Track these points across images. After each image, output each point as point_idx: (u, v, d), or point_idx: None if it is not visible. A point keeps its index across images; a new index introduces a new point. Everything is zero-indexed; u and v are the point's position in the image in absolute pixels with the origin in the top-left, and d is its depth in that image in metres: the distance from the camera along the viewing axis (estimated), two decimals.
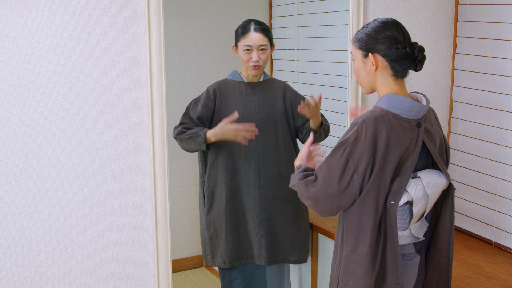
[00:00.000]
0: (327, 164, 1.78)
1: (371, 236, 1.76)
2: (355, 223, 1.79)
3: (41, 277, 2.10)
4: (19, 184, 2.02)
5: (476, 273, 2.48)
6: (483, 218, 2.83)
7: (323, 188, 1.76)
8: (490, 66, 2.76)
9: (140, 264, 2.25)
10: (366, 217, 1.76)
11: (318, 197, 1.77)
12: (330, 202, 1.77)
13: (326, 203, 1.77)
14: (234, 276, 2.77)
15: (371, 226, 1.76)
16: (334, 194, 1.76)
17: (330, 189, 1.76)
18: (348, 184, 1.75)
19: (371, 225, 1.76)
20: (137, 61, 2.14)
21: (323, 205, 1.78)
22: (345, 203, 1.78)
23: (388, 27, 1.81)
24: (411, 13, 2.80)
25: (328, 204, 1.77)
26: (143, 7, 2.11)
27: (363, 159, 1.74)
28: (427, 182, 1.84)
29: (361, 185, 1.75)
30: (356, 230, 1.79)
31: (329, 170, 1.77)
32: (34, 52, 1.98)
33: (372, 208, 1.76)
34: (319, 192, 1.77)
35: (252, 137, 2.52)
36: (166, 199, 2.23)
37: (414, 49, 1.81)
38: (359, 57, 1.86)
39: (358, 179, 1.75)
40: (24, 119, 2.00)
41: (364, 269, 1.78)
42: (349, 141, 1.75)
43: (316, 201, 1.79)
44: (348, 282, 1.81)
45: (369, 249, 1.77)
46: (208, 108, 2.62)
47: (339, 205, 1.78)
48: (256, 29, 2.58)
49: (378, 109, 1.79)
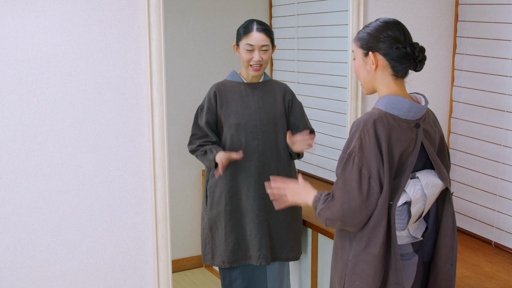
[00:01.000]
0: (341, 179, 1.77)
1: (384, 236, 1.76)
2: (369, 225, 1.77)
3: (41, 277, 2.10)
4: (19, 184, 2.02)
5: (476, 273, 2.48)
6: (483, 218, 2.83)
7: (346, 204, 1.74)
8: (490, 66, 2.76)
9: (140, 264, 2.25)
10: (380, 218, 1.75)
11: (344, 214, 1.75)
12: (358, 215, 1.75)
13: (354, 217, 1.75)
14: (234, 277, 2.77)
15: (384, 227, 1.75)
16: (358, 206, 1.74)
17: (353, 203, 1.74)
18: (368, 191, 1.73)
19: (384, 226, 1.75)
20: (137, 61, 2.14)
21: (352, 219, 1.75)
22: (373, 209, 1.76)
23: (389, 26, 1.81)
24: (411, 13, 2.80)
25: (357, 217, 1.75)
26: (143, 7, 2.11)
27: (373, 163, 1.73)
28: (426, 183, 1.84)
29: (380, 187, 1.74)
30: (368, 231, 1.77)
31: (346, 185, 1.75)
32: (34, 52, 1.98)
33: (385, 209, 1.75)
34: (343, 209, 1.75)
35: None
36: (166, 199, 2.23)
37: (415, 49, 1.81)
38: (360, 56, 1.87)
39: (376, 183, 1.74)
40: (24, 119, 2.00)
41: (374, 269, 1.77)
42: (355, 150, 1.74)
43: (344, 219, 1.76)
44: (355, 282, 1.80)
45: (380, 250, 1.76)
46: (212, 112, 2.63)
47: (367, 214, 1.76)
48: (258, 29, 2.58)
49: (377, 111, 1.79)
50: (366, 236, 1.78)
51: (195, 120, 2.67)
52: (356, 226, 1.77)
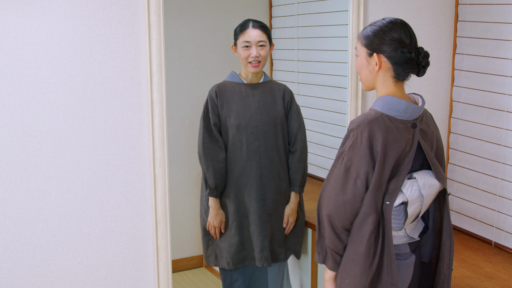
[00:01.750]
0: (330, 175, 1.82)
1: (368, 235, 1.77)
2: (355, 222, 1.79)
3: (41, 277, 2.10)
4: (19, 184, 2.02)
5: (476, 273, 2.48)
6: (483, 218, 2.83)
7: (332, 200, 1.79)
8: (490, 66, 2.76)
9: (140, 264, 2.25)
10: (365, 217, 1.77)
11: (330, 209, 1.79)
12: (343, 212, 1.78)
13: (339, 213, 1.78)
14: (235, 277, 2.76)
15: (370, 226, 1.77)
16: (342, 203, 1.78)
17: (338, 200, 1.78)
18: (353, 190, 1.76)
19: (370, 225, 1.77)
20: (137, 61, 2.13)
21: (337, 215, 1.79)
22: (358, 207, 1.79)
23: (396, 28, 1.80)
24: (411, 13, 2.80)
25: (341, 214, 1.78)
26: (143, 7, 2.11)
27: (362, 164, 1.75)
28: (423, 183, 1.84)
29: (366, 188, 1.77)
30: (355, 229, 1.79)
31: (333, 182, 1.80)
32: (34, 52, 1.98)
33: (372, 209, 1.76)
34: (329, 204, 1.79)
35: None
36: (166, 199, 2.23)
37: (420, 54, 1.81)
38: (363, 55, 1.86)
39: (362, 183, 1.76)
40: (24, 119, 2.00)
41: (361, 268, 1.78)
42: (345, 149, 1.78)
43: (330, 213, 1.80)
44: (345, 280, 1.83)
45: (366, 248, 1.78)
46: (216, 113, 2.62)
47: (352, 212, 1.79)
48: (254, 26, 2.59)
49: (373, 112, 1.80)
50: (353, 234, 1.80)
51: (204, 124, 2.63)
52: (342, 222, 1.79)
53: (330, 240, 1.83)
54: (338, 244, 1.83)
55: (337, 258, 1.84)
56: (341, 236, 1.82)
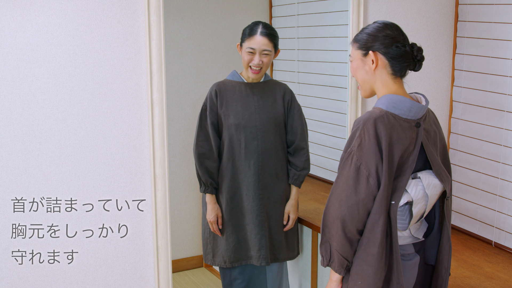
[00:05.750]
0: (340, 177, 1.78)
1: (381, 236, 1.75)
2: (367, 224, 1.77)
3: (41, 277, 2.10)
4: (19, 184, 2.02)
5: (476, 273, 2.48)
6: (483, 218, 2.83)
7: (344, 202, 1.75)
8: (490, 66, 2.76)
9: (140, 264, 2.25)
10: (377, 217, 1.75)
11: (343, 212, 1.75)
12: (356, 213, 1.75)
13: (353, 215, 1.75)
14: (234, 276, 2.77)
15: (381, 226, 1.75)
16: (355, 204, 1.74)
17: (350, 201, 1.74)
18: (366, 189, 1.74)
19: (381, 225, 1.75)
20: (137, 61, 2.14)
21: (350, 218, 1.75)
22: (370, 207, 1.76)
23: (388, 27, 1.83)
24: (411, 13, 2.80)
25: (355, 215, 1.75)
26: (143, 7, 2.11)
27: (372, 161, 1.73)
28: (427, 183, 1.83)
29: (378, 185, 1.74)
30: (367, 230, 1.77)
31: (344, 183, 1.76)
32: (34, 52, 1.98)
33: (383, 208, 1.75)
34: (341, 207, 1.75)
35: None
36: (166, 199, 2.23)
37: (413, 48, 1.82)
38: (358, 57, 1.86)
39: (374, 181, 1.74)
40: (24, 119, 2.00)
41: (374, 268, 1.77)
42: (354, 148, 1.75)
43: (343, 217, 1.75)
44: (357, 281, 1.81)
45: (379, 249, 1.76)
46: (214, 111, 2.63)
47: (365, 212, 1.76)
48: (262, 33, 2.58)
49: (378, 110, 1.79)
50: (365, 236, 1.78)
51: (200, 122, 2.65)
52: (356, 224, 1.76)
53: (340, 245, 1.79)
54: (348, 249, 1.79)
55: (344, 263, 1.82)
56: (352, 241, 1.78)
